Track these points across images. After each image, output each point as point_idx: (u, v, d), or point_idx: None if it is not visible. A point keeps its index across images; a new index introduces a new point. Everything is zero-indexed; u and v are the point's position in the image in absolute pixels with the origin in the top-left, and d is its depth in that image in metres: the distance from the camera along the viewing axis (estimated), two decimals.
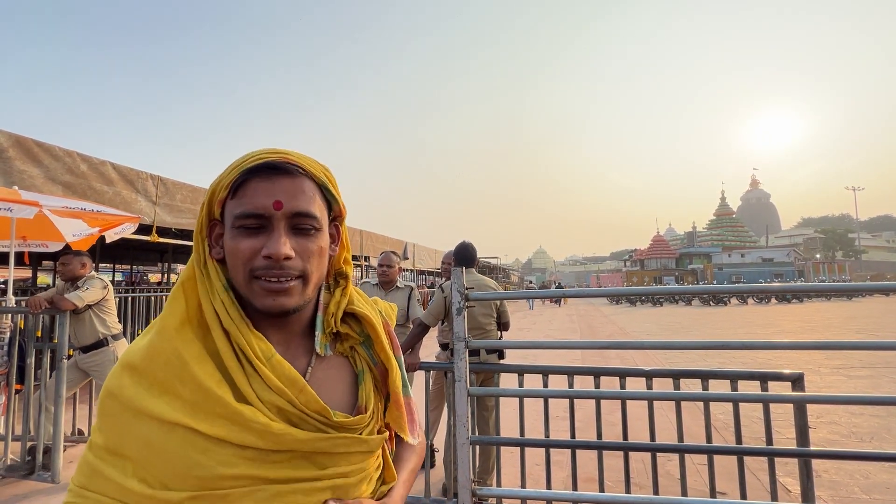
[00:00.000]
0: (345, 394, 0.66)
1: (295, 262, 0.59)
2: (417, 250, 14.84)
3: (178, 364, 0.56)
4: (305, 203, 0.60)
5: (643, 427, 2.56)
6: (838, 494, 3.09)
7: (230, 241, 0.60)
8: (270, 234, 0.59)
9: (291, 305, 0.60)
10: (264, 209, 0.58)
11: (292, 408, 0.57)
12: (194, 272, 0.63)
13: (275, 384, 0.57)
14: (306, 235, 0.61)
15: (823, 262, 56.82)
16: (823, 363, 7.53)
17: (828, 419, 4.67)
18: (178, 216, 5.56)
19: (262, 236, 0.59)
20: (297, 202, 0.60)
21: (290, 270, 0.59)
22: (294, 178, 0.60)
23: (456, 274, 2.24)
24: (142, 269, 18.48)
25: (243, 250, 0.58)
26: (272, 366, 0.58)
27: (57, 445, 3.21)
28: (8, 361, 3.37)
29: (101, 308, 3.54)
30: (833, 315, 17.50)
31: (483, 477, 3.02)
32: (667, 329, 14.20)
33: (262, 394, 0.57)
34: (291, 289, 0.59)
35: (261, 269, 0.58)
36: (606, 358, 8.12)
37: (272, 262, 0.58)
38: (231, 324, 0.59)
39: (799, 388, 2.13)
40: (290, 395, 0.57)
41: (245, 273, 0.59)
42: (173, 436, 0.54)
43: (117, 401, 0.56)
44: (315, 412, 0.59)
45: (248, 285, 0.59)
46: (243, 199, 0.59)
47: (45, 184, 4.06)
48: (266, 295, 0.58)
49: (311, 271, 0.61)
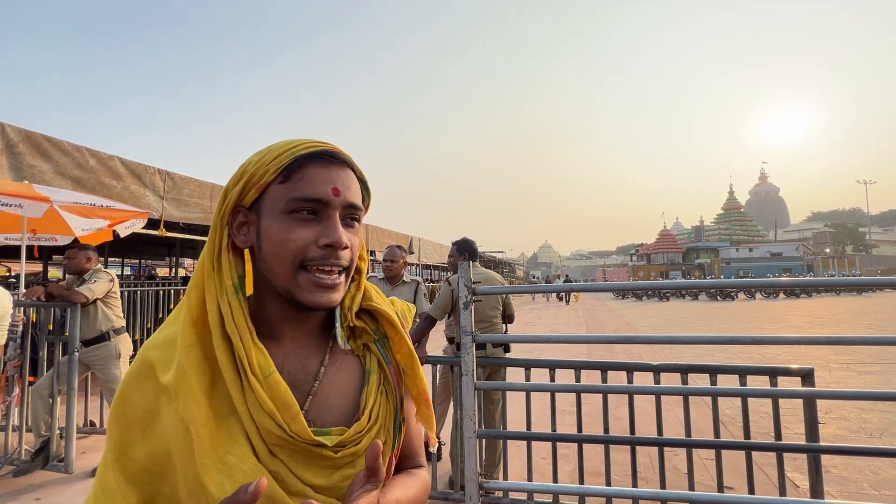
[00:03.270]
0: (353, 399, 0.63)
1: (346, 253, 0.59)
2: (423, 245, 14.84)
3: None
4: (355, 195, 0.61)
5: (650, 421, 2.55)
6: (847, 490, 3.07)
7: (279, 229, 0.56)
8: (326, 222, 0.58)
9: (338, 301, 0.59)
10: (324, 195, 0.57)
11: (282, 432, 0.54)
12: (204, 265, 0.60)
13: (267, 406, 0.54)
14: (353, 228, 0.61)
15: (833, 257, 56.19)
16: (833, 358, 7.47)
17: (837, 415, 4.64)
18: (185, 210, 5.60)
19: (315, 226, 0.57)
20: (350, 192, 0.60)
21: (342, 261, 0.58)
22: (346, 169, 0.60)
23: (463, 268, 2.23)
24: (150, 264, 18.64)
25: (296, 240, 0.56)
26: (268, 384, 0.55)
27: (70, 436, 3.26)
28: (21, 354, 3.42)
29: (105, 302, 3.57)
30: (843, 310, 17.32)
31: (490, 470, 3.03)
32: (673, 324, 14.12)
33: (254, 412, 0.55)
34: (340, 285, 0.59)
35: (316, 259, 0.56)
36: (613, 352, 8.10)
37: (330, 251, 0.57)
38: (234, 331, 0.56)
39: (809, 384, 2.11)
40: (280, 419, 0.54)
41: (294, 264, 0.56)
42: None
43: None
44: (306, 441, 0.56)
45: (295, 278, 0.57)
46: (299, 183, 0.57)
47: (54, 178, 4.10)
48: (315, 289, 0.57)
49: (354, 264, 0.61)
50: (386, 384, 0.66)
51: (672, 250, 70.06)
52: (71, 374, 3.30)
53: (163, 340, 0.59)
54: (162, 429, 0.55)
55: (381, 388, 0.65)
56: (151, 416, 0.56)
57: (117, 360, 3.53)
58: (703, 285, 2.30)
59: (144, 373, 0.58)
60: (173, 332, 0.59)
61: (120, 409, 0.58)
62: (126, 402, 0.58)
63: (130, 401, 0.58)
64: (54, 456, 3.29)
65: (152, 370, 0.58)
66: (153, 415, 0.56)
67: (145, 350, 0.60)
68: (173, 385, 0.54)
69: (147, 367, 0.58)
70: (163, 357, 0.58)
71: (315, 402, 0.60)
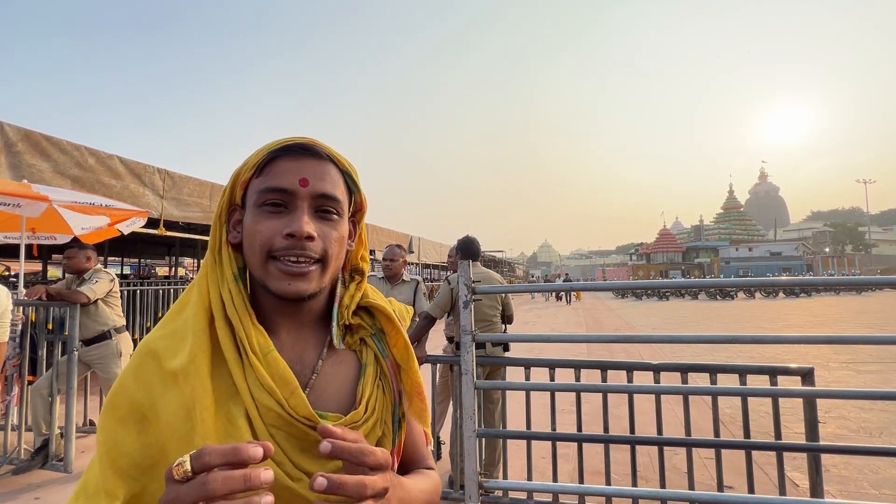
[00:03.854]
0: (350, 392, 0.64)
1: (316, 244, 0.58)
2: (423, 244, 14.84)
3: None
4: (331, 186, 0.60)
5: (650, 421, 2.55)
6: (847, 489, 3.08)
7: (250, 221, 0.59)
8: (293, 213, 0.58)
9: (308, 291, 0.59)
10: (290, 185, 0.58)
11: (280, 409, 0.56)
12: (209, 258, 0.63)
13: (266, 382, 0.56)
14: (328, 220, 0.61)
15: (833, 256, 56.23)
16: (832, 358, 7.47)
17: (836, 414, 4.64)
18: (185, 210, 5.59)
19: (284, 217, 0.58)
20: (322, 183, 0.59)
21: (310, 252, 0.58)
22: (321, 161, 0.61)
23: (463, 267, 2.23)
24: (150, 263, 18.64)
25: (262, 230, 0.57)
26: (267, 362, 0.57)
27: (69, 435, 3.26)
28: (20, 353, 3.42)
29: (105, 301, 3.57)
30: (842, 309, 17.33)
31: (489, 469, 3.03)
32: (673, 323, 14.14)
33: (255, 390, 0.56)
34: (310, 273, 0.58)
35: (280, 249, 0.57)
36: (612, 352, 8.11)
37: (294, 242, 0.57)
38: (234, 314, 0.58)
39: (809, 383, 2.11)
40: (279, 395, 0.56)
41: (263, 254, 0.58)
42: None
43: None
44: (303, 417, 0.57)
45: (265, 266, 0.58)
46: (269, 175, 0.59)
47: (53, 178, 4.09)
48: (283, 277, 0.57)
49: (331, 256, 0.60)
50: (382, 378, 0.66)
51: (672, 250, 70.11)
52: (70, 374, 3.29)
53: (170, 332, 0.60)
54: (159, 421, 0.55)
55: (377, 382, 0.65)
56: (148, 408, 0.56)
57: (118, 358, 3.53)
58: (702, 284, 2.30)
59: (147, 362, 0.59)
60: (179, 325, 0.60)
61: (116, 400, 0.58)
62: (123, 394, 0.58)
63: (128, 392, 0.58)
64: (53, 455, 3.29)
65: (156, 358, 0.58)
66: (151, 407, 0.56)
67: (148, 342, 0.61)
68: (183, 368, 0.56)
69: (150, 356, 0.59)
70: (168, 346, 0.59)
71: (311, 394, 0.60)
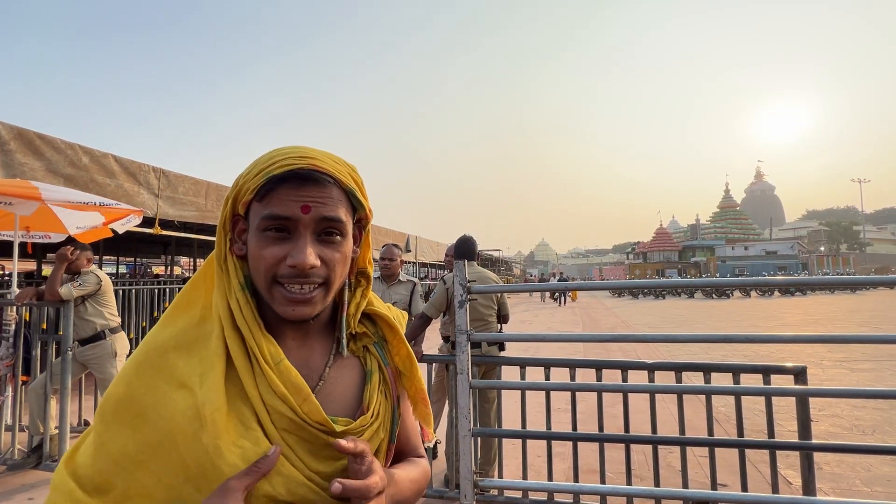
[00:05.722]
0: (355, 396, 0.66)
1: (319, 271, 0.59)
2: (420, 243, 14.83)
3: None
4: (332, 209, 0.60)
5: (645, 419, 2.56)
6: (840, 487, 3.10)
7: (254, 245, 0.60)
8: (296, 241, 0.58)
9: (312, 314, 0.61)
10: (293, 214, 0.58)
11: (294, 415, 0.58)
12: (213, 266, 0.64)
13: (279, 390, 0.57)
14: (331, 243, 0.61)
15: (828, 255, 56.54)
16: (826, 356, 7.52)
17: (830, 412, 4.68)
18: (180, 209, 5.56)
19: (286, 243, 0.59)
20: (325, 208, 0.59)
21: (314, 279, 0.59)
22: (323, 185, 0.60)
23: (458, 267, 2.23)
24: (145, 262, 18.56)
25: (267, 257, 0.58)
26: (279, 371, 0.59)
27: (63, 435, 3.25)
28: (14, 353, 3.40)
29: (99, 301, 3.54)
30: (837, 308, 17.45)
31: (485, 468, 3.04)
32: (669, 322, 14.19)
33: (267, 397, 0.58)
34: (314, 298, 0.60)
35: (284, 276, 0.58)
36: (608, 350, 8.13)
37: (296, 272, 0.58)
38: (244, 324, 0.59)
39: (802, 382, 2.12)
40: (292, 402, 0.58)
41: (268, 279, 0.59)
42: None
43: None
44: (317, 423, 0.59)
45: (269, 291, 0.59)
46: (271, 201, 0.58)
47: (46, 176, 4.06)
48: (287, 304, 0.59)
49: (335, 279, 0.62)
50: (384, 385, 0.69)
51: (668, 248, 70.33)
52: (64, 374, 3.28)
53: (180, 332, 0.62)
54: (159, 419, 0.55)
55: (381, 388, 0.68)
56: (150, 405, 0.56)
57: (114, 358, 3.52)
58: (698, 284, 2.31)
59: (153, 359, 0.59)
60: (189, 326, 0.62)
61: (116, 393, 0.58)
62: (124, 388, 0.58)
63: (130, 387, 0.58)
64: (48, 455, 3.28)
65: (164, 357, 0.59)
66: (152, 405, 0.56)
67: (157, 340, 0.61)
68: (198, 371, 0.57)
69: (158, 354, 0.59)
70: (179, 347, 0.60)
71: (319, 399, 0.62)
